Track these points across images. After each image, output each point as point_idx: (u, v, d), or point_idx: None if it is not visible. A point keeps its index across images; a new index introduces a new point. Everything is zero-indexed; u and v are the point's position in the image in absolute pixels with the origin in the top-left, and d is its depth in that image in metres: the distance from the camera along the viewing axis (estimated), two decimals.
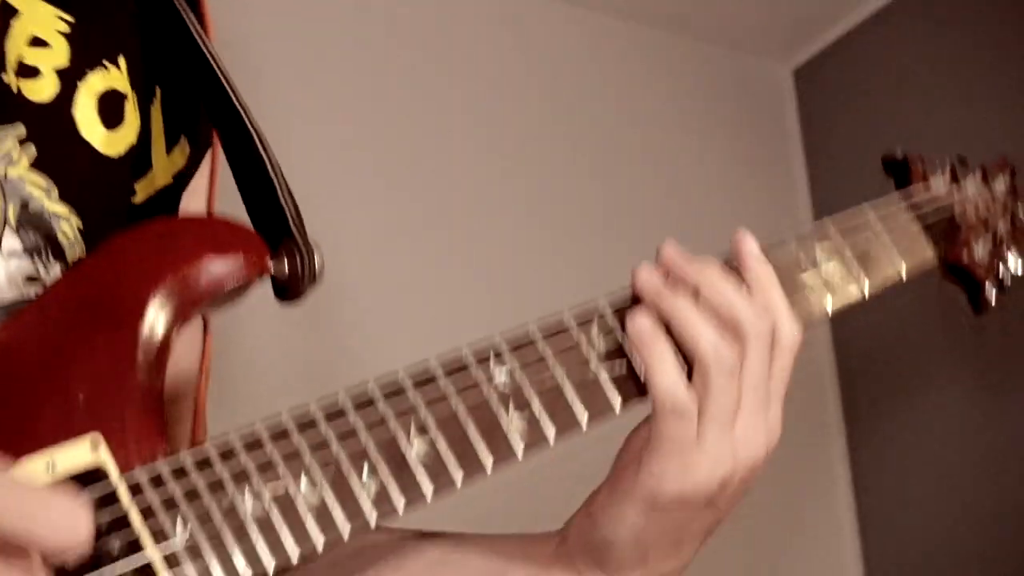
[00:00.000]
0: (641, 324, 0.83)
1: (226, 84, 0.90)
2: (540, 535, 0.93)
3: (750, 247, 0.88)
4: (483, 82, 2.84)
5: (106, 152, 0.91)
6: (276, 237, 0.84)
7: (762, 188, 3.20)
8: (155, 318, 0.77)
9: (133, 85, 0.95)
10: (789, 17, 3.23)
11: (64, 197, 0.88)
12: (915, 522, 2.98)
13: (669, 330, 0.84)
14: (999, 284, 1.07)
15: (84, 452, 0.70)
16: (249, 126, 0.88)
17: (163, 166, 0.96)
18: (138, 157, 0.94)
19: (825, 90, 3.35)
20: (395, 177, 2.63)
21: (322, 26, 2.63)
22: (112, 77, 0.93)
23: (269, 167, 0.86)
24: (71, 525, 0.61)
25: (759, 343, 0.83)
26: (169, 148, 0.97)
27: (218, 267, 0.79)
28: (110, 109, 0.92)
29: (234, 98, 0.89)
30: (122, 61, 0.94)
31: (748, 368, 0.83)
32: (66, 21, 0.92)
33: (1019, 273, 1.08)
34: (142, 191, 0.95)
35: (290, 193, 0.85)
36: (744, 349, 0.83)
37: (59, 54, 0.91)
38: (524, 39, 2.94)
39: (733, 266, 0.88)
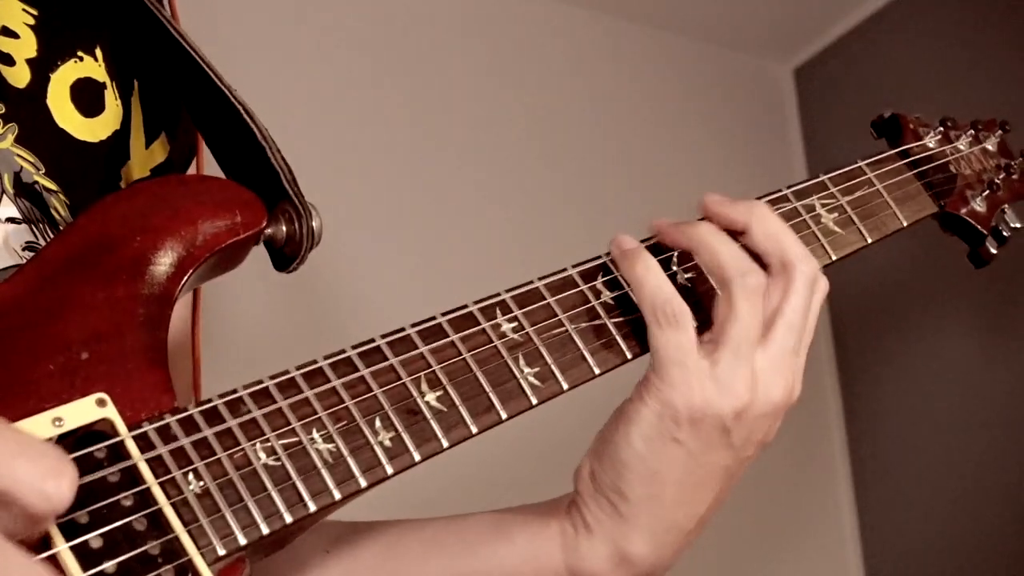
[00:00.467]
0: (623, 240, 0.84)
1: (199, 59, 0.89)
2: (549, 500, 0.91)
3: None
4: (486, 82, 2.84)
5: (85, 138, 0.91)
6: (272, 201, 0.84)
7: (762, 187, 3.19)
8: (155, 274, 0.76)
9: (111, 75, 0.94)
10: (789, 17, 3.23)
11: (50, 175, 0.88)
12: (913, 477, 2.96)
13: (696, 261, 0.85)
14: (999, 237, 1.08)
15: (90, 408, 0.69)
16: (231, 98, 0.87)
17: (140, 159, 0.96)
18: (122, 144, 0.94)
19: (825, 90, 3.35)
20: (391, 162, 2.63)
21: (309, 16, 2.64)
22: (87, 67, 0.93)
23: (258, 133, 0.85)
24: (53, 484, 0.59)
25: (805, 282, 0.83)
26: (148, 142, 0.97)
27: (215, 224, 0.79)
28: (87, 97, 0.92)
29: (209, 72, 0.88)
30: (99, 51, 0.94)
31: (790, 303, 0.82)
32: (31, 14, 0.92)
33: (1017, 226, 1.09)
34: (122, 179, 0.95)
35: (283, 157, 0.85)
36: (789, 283, 0.82)
37: (28, 45, 0.91)
38: (525, 38, 2.94)
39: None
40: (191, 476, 0.69)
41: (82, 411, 0.69)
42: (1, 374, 0.70)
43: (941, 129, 1.08)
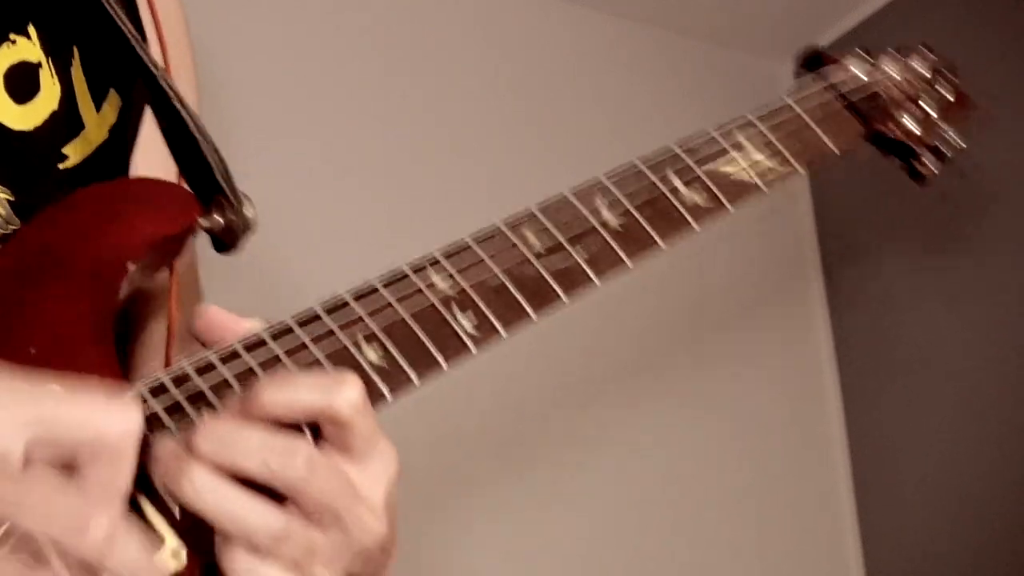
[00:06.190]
0: (162, 448, 0.68)
1: (136, 46, 0.90)
2: None
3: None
4: (483, 79, 2.87)
5: (20, 127, 0.91)
6: (208, 192, 0.87)
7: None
8: (96, 274, 0.80)
9: (47, 51, 0.94)
10: (789, 17, 3.25)
11: None
12: (914, 477, 2.95)
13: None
14: (938, 154, 1.09)
15: None
16: (165, 86, 0.89)
17: (95, 123, 0.96)
18: (67, 120, 0.94)
19: None
20: (385, 160, 2.65)
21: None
22: (20, 49, 0.92)
23: (191, 124, 0.88)
24: (128, 417, 0.62)
25: None
26: (98, 105, 0.97)
27: (148, 223, 0.83)
28: (21, 83, 0.91)
29: (146, 59, 0.90)
30: (32, 29, 0.93)
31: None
32: None
33: (959, 142, 1.11)
34: (76, 153, 0.94)
35: (215, 149, 0.88)
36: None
37: None
38: (524, 36, 2.98)
39: None
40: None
41: None
42: None
43: (864, 56, 1.11)
